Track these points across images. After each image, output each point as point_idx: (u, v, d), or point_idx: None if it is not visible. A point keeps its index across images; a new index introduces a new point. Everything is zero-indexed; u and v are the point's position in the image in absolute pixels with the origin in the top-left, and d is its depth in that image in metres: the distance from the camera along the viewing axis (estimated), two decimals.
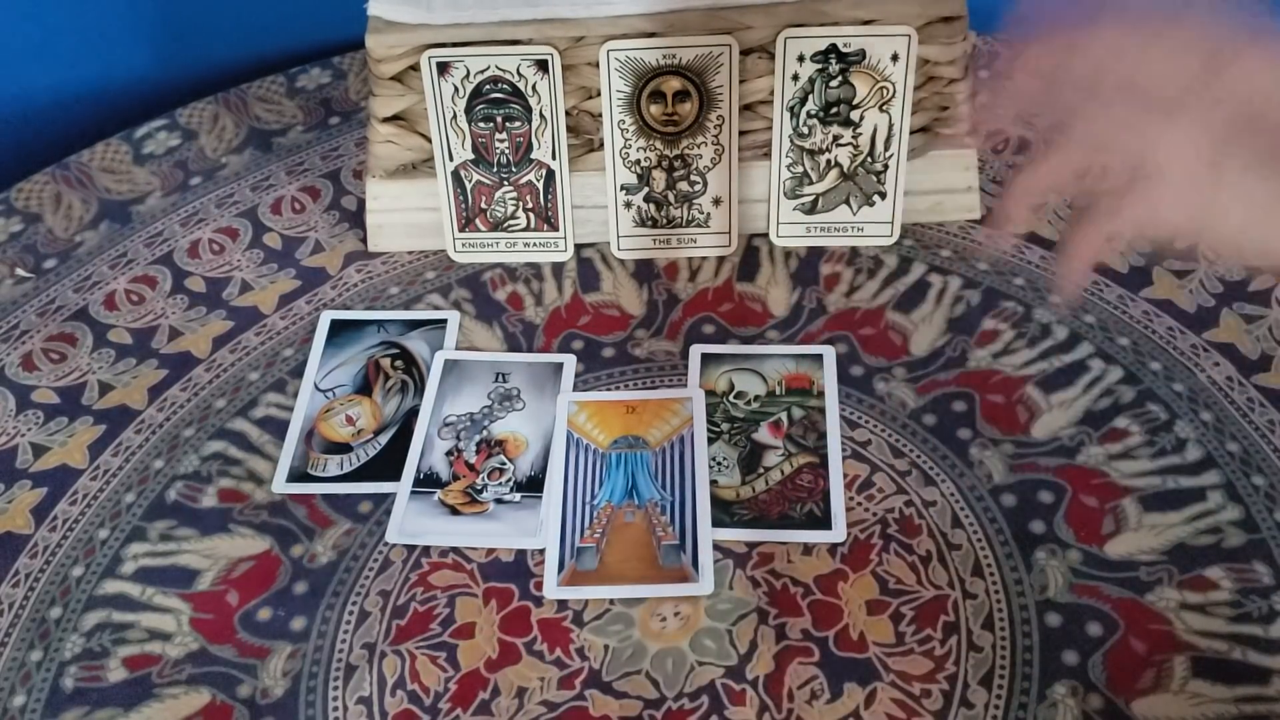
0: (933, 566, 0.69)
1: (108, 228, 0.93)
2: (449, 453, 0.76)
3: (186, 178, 0.96)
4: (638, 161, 0.84)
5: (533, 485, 0.74)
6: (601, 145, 0.84)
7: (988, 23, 0.97)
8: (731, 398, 0.78)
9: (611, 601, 0.69)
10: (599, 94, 0.82)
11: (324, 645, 0.68)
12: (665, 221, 0.86)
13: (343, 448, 0.77)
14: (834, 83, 0.82)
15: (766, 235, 0.87)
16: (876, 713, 0.64)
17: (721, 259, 0.87)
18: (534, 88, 0.81)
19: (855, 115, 0.83)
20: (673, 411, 0.77)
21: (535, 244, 0.87)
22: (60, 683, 0.67)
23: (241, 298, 0.87)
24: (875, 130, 0.83)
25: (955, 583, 0.69)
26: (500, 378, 0.80)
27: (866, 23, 0.80)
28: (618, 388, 0.79)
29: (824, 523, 0.71)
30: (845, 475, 0.73)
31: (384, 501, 0.74)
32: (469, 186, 0.85)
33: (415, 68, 0.81)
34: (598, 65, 0.81)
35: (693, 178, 0.85)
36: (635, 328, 0.83)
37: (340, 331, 0.83)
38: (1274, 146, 0.49)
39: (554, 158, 0.84)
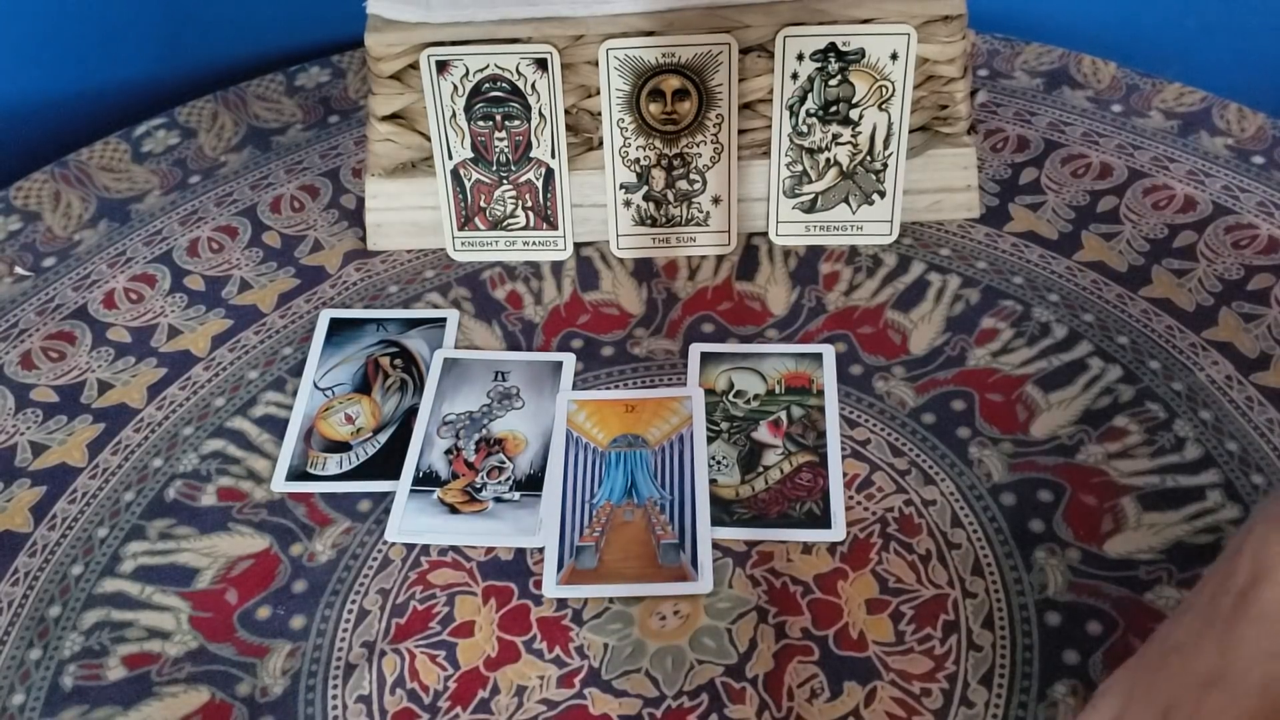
0: (932, 565, 0.69)
1: (107, 226, 0.93)
2: (448, 451, 0.76)
3: (185, 176, 0.96)
4: (637, 160, 0.84)
5: (532, 484, 0.74)
6: (601, 144, 0.84)
7: (987, 22, 0.97)
8: (731, 397, 0.78)
9: (611, 600, 0.69)
10: (598, 92, 0.82)
11: (323, 644, 0.68)
12: (664, 220, 0.86)
13: (342, 446, 0.77)
14: (833, 81, 0.82)
15: (766, 234, 0.87)
16: (876, 711, 0.64)
17: (721, 258, 0.87)
18: (533, 86, 0.81)
19: (854, 114, 0.83)
20: (672, 410, 0.77)
21: (534, 243, 0.87)
22: (59, 681, 0.67)
23: (240, 296, 0.87)
24: (874, 129, 0.83)
25: (955, 582, 0.69)
26: (499, 376, 0.80)
27: (865, 21, 0.80)
28: (617, 386, 0.79)
29: (823, 521, 0.71)
30: (845, 474, 0.74)
31: (383, 500, 0.74)
32: (468, 185, 0.85)
33: (414, 66, 0.81)
34: (597, 64, 0.81)
35: (692, 176, 0.85)
36: (634, 326, 0.83)
37: (339, 330, 0.83)
38: None
39: (553, 156, 0.84)
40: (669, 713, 0.64)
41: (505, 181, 0.85)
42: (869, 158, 0.84)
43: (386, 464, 0.76)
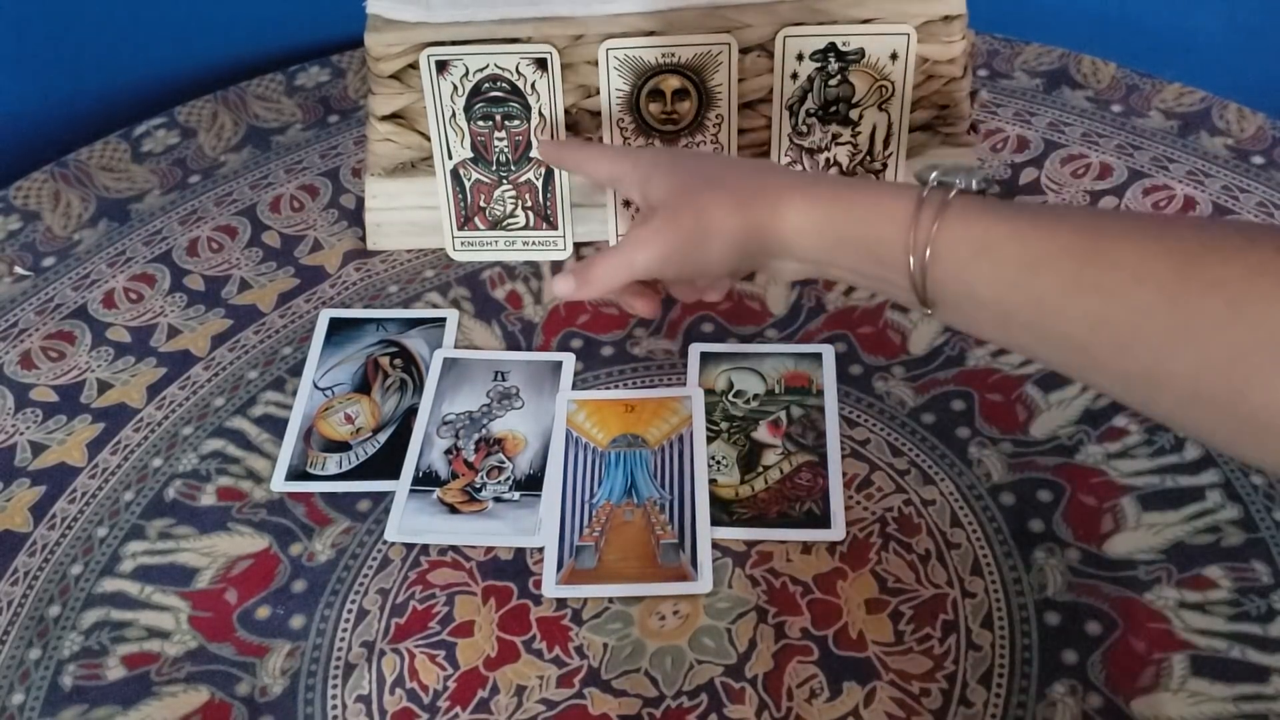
0: (932, 565, 0.69)
1: (106, 226, 0.93)
2: (448, 451, 0.76)
3: (185, 176, 0.96)
4: None
5: (531, 484, 0.74)
6: (601, 143, 0.84)
7: (987, 22, 0.97)
8: (730, 396, 0.78)
9: (610, 600, 0.69)
10: (598, 92, 0.82)
11: (323, 644, 0.68)
12: None
13: (341, 446, 0.77)
14: (833, 81, 0.82)
15: None
16: (876, 711, 0.64)
17: None
18: (533, 86, 0.81)
19: (854, 114, 0.83)
20: (672, 410, 0.77)
21: (534, 242, 0.87)
22: (59, 681, 0.67)
23: (240, 296, 0.87)
24: (874, 129, 0.83)
25: (954, 581, 0.69)
26: (499, 376, 0.80)
27: (866, 21, 0.80)
28: (617, 386, 0.79)
29: (823, 521, 0.71)
30: (844, 474, 0.73)
31: (383, 500, 0.74)
32: (468, 185, 0.85)
33: (414, 66, 0.81)
34: (597, 64, 0.81)
35: None
36: (634, 326, 0.83)
37: (339, 330, 0.83)
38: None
39: None
40: (668, 713, 0.64)
41: (505, 181, 0.85)
42: (869, 158, 0.84)
43: (386, 464, 0.76)
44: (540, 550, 0.71)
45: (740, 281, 0.85)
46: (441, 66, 0.81)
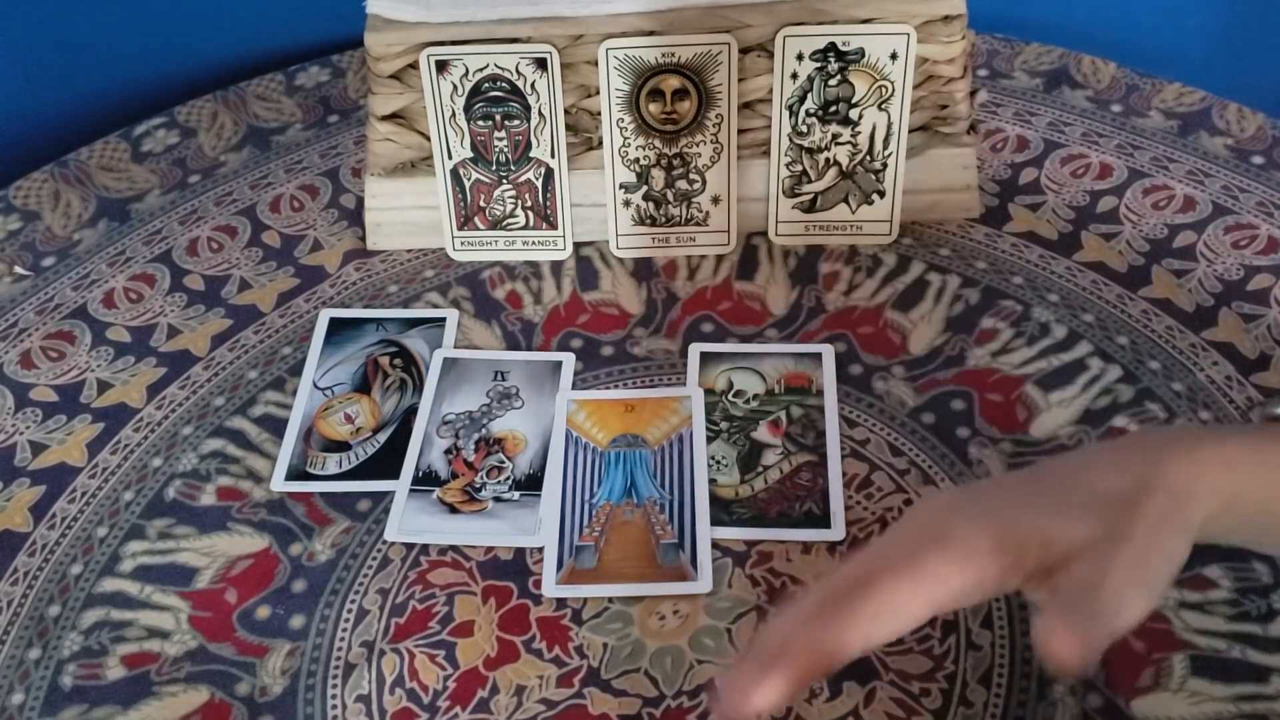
0: None
1: (106, 226, 0.93)
2: (448, 451, 0.76)
3: (185, 175, 0.96)
4: (636, 160, 0.84)
5: (531, 484, 0.74)
6: (600, 143, 0.84)
7: (987, 22, 0.97)
8: (730, 396, 0.78)
9: (610, 600, 0.69)
10: (598, 92, 0.82)
11: (323, 643, 0.68)
12: (664, 220, 0.86)
13: (341, 446, 0.77)
14: (833, 81, 0.82)
15: (765, 234, 0.87)
16: (875, 711, 0.64)
17: (720, 257, 0.87)
18: (533, 86, 0.81)
19: (854, 114, 0.83)
20: (671, 410, 0.77)
21: (534, 242, 0.87)
22: (59, 681, 0.67)
23: (240, 296, 0.87)
24: (874, 129, 0.83)
25: None
26: (499, 376, 0.80)
27: (865, 21, 0.80)
28: (616, 386, 0.79)
29: (823, 521, 0.71)
30: (844, 474, 0.73)
31: (383, 500, 0.74)
32: (468, 185, 0.85)
33: (414, 66, 0.81)
34: (597, 63, 0.81)
35: (691, 176, 0.85)
36: (634, 326, 0.83)
37: (339, 330, 0.83)
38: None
39: (553, 156, 0.84)
40: (668, 712, 0.64)
41: (505, 181, 0.85)
42: (869, 157, 0.84)
43: (386, 464, 0.76)
44: (540, 550, 0.71)
45: (740, 281, 0.85)
46: (441, 66, 0.81)
